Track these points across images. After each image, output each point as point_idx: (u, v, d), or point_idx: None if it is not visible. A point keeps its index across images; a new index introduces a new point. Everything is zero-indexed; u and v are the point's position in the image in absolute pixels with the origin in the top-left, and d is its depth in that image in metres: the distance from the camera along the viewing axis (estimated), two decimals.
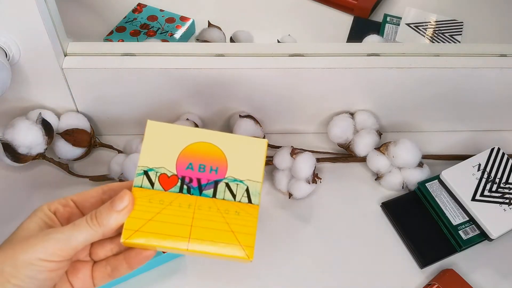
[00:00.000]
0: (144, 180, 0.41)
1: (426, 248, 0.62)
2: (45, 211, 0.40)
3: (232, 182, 0.42)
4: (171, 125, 0.43)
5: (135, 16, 0.83)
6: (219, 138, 0.43)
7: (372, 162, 0.68)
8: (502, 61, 0.66)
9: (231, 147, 0.43)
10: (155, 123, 0.43)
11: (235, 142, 0.43)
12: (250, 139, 0.44)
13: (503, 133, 0.76)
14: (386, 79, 0.66)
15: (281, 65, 0.64)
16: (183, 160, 0.42)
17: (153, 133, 0.43)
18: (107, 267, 0.42)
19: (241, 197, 0.42)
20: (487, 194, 0.63)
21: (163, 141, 0.42)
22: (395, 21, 0.86)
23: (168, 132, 0.43)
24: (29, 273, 0.36)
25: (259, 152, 0.43)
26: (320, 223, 0.65)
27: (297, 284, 0.60)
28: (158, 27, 0.81)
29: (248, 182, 0.43)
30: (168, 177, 0.41)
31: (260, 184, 0.43)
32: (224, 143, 0.43)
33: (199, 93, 0.67)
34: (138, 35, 0.80)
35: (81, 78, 0.64)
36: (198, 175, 0.42)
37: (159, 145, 0.42)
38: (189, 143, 0.43)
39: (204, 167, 0.42)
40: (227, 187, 0.42)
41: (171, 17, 0.83)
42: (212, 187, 0.42)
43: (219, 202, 0.41)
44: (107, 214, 0.39)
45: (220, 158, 0.43)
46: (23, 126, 0.61)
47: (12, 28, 0.57)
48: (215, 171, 0.42)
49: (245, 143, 0.43)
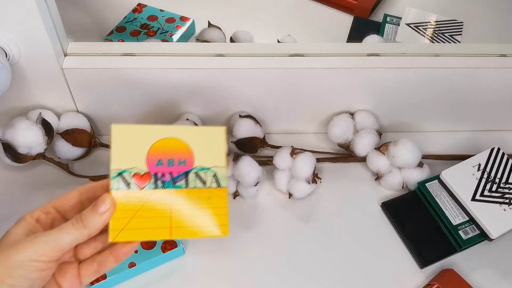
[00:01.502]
0: (120, 181, 0.43)
1: (426, 248, 0.62)
2: (28, 219, 0.43)
3: (200, 171, 0.46)
4: (135, 126, 0.45)
5: (135, 16, 0.83)
6: (181, 132, 0.46)
7: (372, 162, 0.68)
8: (502, 61, 0.66)
9: (194, 139, 0.46)
10: (119, 126, 0.45)
11: (196, 133, 0.46)
12: (209, 128, 0.47)
13: (503, 133, 0.76)
14: (386, 79, 0.66)
15: (281, 65, 0.64)
16: (152, 157, 0.45)
17: (120, 136, 0.45)
18: (93, 264, 0.44)
19: (211, 183, 0.46)
20: (487, 194, 0.63)
21: (130, 142, 0.45)
22: (395, 21, 0.86)
23: (134, 133, 0.45)
24: (22, 273, 0.39)
25: (219, 140, 0.47)
26: (320, 223, 0.65)
27: (297, 284, 0.60)
28: (158, 27, 0.81)
29: (215, 168, 0.46)
30: (141, 175, 0.44)
31: (225, 169, 0.46)
32: (187, 136, 0.46)
33: (199, 93, 0.67)
34: (138, 35, 0.80)
35: (81, 78, 0.64)
36: (168, 169, 0.45)
37: (128, 147, 0.44)
38: (155, 141, 0.45)
39: (173, 161, 0.45)
40: (196, 176, 0.45)
41: (171, 17, 0.83)
42: (183, 178, 0.45)
43: (191, 190, 0.45)
44: (92, 217, 0.41)
45: (186, 151, 0.46)
46: (23, 126, 0.61)
47: (12, 28, 0.57)
48: (184, 163, 0.45)
49: (205, 133, 0.47)
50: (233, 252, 0.62)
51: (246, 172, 0.62)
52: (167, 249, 0.59)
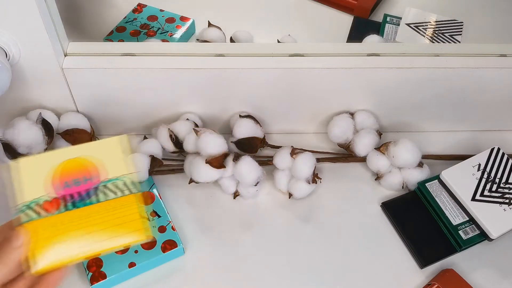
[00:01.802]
0: (29, 213, 0.44)
1: (426, 248, 0.62)
2: None
3: (109, 183, 0.46)
4: (33, 157, 0.46)
5: (135, 16, 0.83)
6: (81, 150, 0.47)
7: (372, 162, 0.68)
8: (502, 61, 0.66)
9: (96, 154, 0.47)
10: (16, 162, 0.45)
11: (96, 148, 0.47)
12: (109, 140, 0.47)
13: (503, 133, 0.76)
14: (386, 79, 0.66)
15: (281, 65, 0.64)
16: (57, 181, 0.45)
17: (20, 170, 0.45)
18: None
19: (123, 192, 0.46)
20: (487, 194, 0.63)
21: (32, 173, 0.45)
22: (395, 21, 0.86)
23: (34, 164, 0.46)
24: None
25: (122, 148, 0.47)
26: (320, 223, 0.65)
27: (297, 284, 0.60)
28: (158, 27, 0.81)
29: (123, 177, 0.47)
30: (50, 201, 0.44)
31: (134, 174, 0.47)
32: (88, 153, 0.47)
33: (199, 93, 0.67)
34: (138, 35, 0.80)
35: (81, 78, 0.64)
36: (76, 189, 0.45)
37: (30, 178, 0.45)
38: (57, 165, 0.46)
39: (79, 180, 0.46)
40: (106, 189, 0.46)
41: (171, 17, 0.83)
42: (93, 194, 0.46)
43: (104, 204, 0.45)
44: (8, 253, 0.40)
45: (90, 167, 0.47)
46: (23, 126, 0.61)
47: (12, 28, 0.57)
48: (90, 179, 0.46)
49: (105, 145, 0.47)
50: (233, 252, 0.62)
51: (246, 172, 0.62)
52: (167, 249, 0.59)
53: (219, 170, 0.62)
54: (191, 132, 0.65)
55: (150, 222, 0.61)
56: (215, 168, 0.62)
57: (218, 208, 0.66)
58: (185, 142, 0.65)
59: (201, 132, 0.63)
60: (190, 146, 0.64)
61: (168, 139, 0.66)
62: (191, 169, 0.63)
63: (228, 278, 0.60)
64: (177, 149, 0.67)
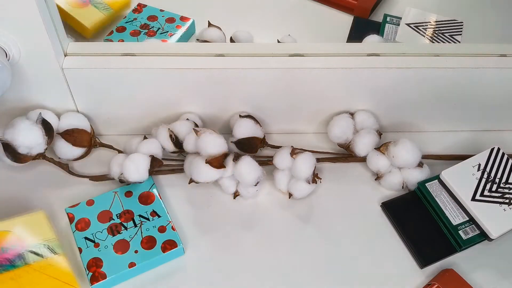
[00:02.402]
0: None
1: (426, 248, 0.62)
2: None
3: (34, 247, 0.56)
4: None
5: (135, 16, 0.83)
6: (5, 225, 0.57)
7: (372, 162, 0.68)
8: (502, 61, 0.66)
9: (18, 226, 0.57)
10: None
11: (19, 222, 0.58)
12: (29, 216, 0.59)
13: (503, 133, 0.76)
14: (386, 79, 0.66)
15: (281, 65, 0.64)
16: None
17: None
18: None
19: (47, 254, 0.56)
20: (487, 194, 0.63)
21: None
22: (395, 21, 0.86)
23: None
24: None
25: (40, 220, 0.58)
26: (320, 223, 0.65)
27: (297, 284, 0.60)
28: (158, 27, 0.81)
29: (45, 242, 0.57)
30: None
31: (55, 239, 0.57)
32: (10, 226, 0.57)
33: (199, 93, 0.67)
34: (138, 35, 0.80)
35: (81, 78, 0.64)
36: (4, 255, 0.55)
37: None
38: None
39: (6, 248, 0.55)
40: (32, 253, 0.56)
41: (171, 17, 0.82)
42: (21, 258, 0.55)
43: (32, 265, 0.55)
44: None
45: (13, 237, 0.56)
46: (23, 126, 0.61)
47: (12, 28, 0.57)
48: (16, 246, 0.56)
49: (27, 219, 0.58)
50: (233, 252, 0.62)
51: (246, 172, 0.62)
52: (167, 249, 0.59)
53: (219, 170, 0.62)
54: (191, 132, 0.65)
55: (149, 222, 0.61)
56: (215, 168, 0.62)
57: (218, 208, 0.66)
58: (185, 142, 0.65)
59: (201, 132, 0.63)
60: (190, 146, 0.64)
61: (168, 139, 0.66)
62: (191, 169, 0.63)
63: (228, 278, 0.60)
64: (177, 149, 0.67)
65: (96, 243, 0.60)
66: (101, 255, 0.58)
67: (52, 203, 0.64)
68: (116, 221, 0.61)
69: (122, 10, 0.83)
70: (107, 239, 0.60)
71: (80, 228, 0.61)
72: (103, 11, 0.80)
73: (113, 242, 0.60)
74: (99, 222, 0.61)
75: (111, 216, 0.62)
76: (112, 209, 0.63)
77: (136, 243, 0.60)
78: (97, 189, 0.66)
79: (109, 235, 0.60)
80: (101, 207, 0.63)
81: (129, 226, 0.61)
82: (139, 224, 0.61)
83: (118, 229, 0.61)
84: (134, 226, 0.61)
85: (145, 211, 0.63)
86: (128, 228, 0.61)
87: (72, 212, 0.62)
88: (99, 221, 0.61)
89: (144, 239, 0.60)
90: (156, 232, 0.61)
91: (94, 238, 0.60)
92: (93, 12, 0.79)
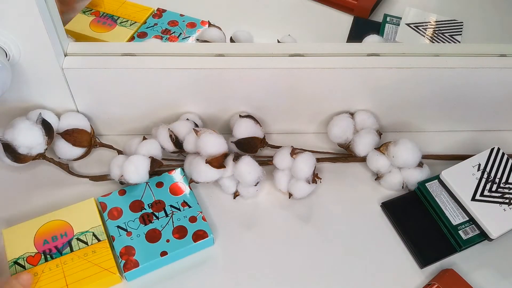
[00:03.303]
0: (17, 267, 0.57)
1: (426, 248, 0.62)
2: None
3: (81, 235, 0.60)
4: (21, 224, 0.60)
5: (156, 22, 0.81)
6: (57, 215, 0.61)
7: (372, 162, 0.68)
8: (502, 61, 0.66)
9: (70, 215, 0.61)
10: (8, 230, 0.60)
11: (70, 211, 0.62)
12: (80, 203, 0.62)
13: (503, 133, 0.76)
14: (386, 79, 0.66)
15: (281, 65, 0.64)
16: (39, 240, 0.59)
17: (11, 235, 0.60)
18: None
19: (92, 241, 0.59)
20: (487, 194, 0.63)
21: (20, 236, 0.59)
22: (395, 21, 0.86)
23: (21, 229, 0.60)
24: None
25: (90, 207, 0.62)
26: (320, 223, 0.65)
27: (297, 284, 0.60)
28: (180, 32, 0.80)
29: (92, 229, 0.60)
30: (32, 256, 0.58)
31: (101, 226, 0.60)
32: (62, 215, 0.61)
33: (199, 93, 0.67)
34: (160, 40, 0.79)
35: (81, 78, 0.64)
36: (54, 244, 0.59)
37: (18, 240, 0.59)
38: (38, 228, 0.60)
39: (56, 237, 0.60)
40: (78, 240, 0.59)
41: (191, 22, 0.81)
42: (67, 246, 0.59)
43: (77, 252, 0.58)
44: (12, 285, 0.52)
45: (64, 226, 0.60)
46: (23, 126, 0.61)
47: (12, 28, 0.57)
48: (65, 235, 0.60)
49: (78, 208, 0.62)
50: (233, 252, 0.62)
51: (246, 172, 0.62)
52: (197, 238, 0.60)
53: (219, 170, 0.62)
54: (191, 132, 0.65)
55: (180, 212, 0.62)
56: (215, 168, 0.62)
57: (218, 208, 0.66)
58: (185, 142, 0.65)
59: (201, 132, 0.63)
60: (190, 146, 0.64)
61: (168, 139, 0.66)
62: (191, 169, 0.63)
63: (227, 278, 0.60)
64: (177, 149, 0.67)
65: (129, 231, 0.60)
66: (133, 243, 0.59)
67: (52, 203, 0.64)
68: (147, 211, 0.62)
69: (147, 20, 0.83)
70: (139, 228, 0.61)
71: (113, 216, 0.62)
72: (131, 28, 0.79)
73: (145, 231, 0.60)
74: (131, 211, 0.62)
75: (143, 206, 0.63)
76: (143, 199, 0.63)
77: (168, 233, 0.60)
78: (97, 189, 0.66)
79: (141, 224, 0.61)
80: (132, 197, 0.63)
81: (160, 216, 0.62)
82: (170, 214, 0.62)
83: (150, 218, 0.61)
84: (166, 216, 0.62)
85: (176, 201, 0.63)
86: (159, 218, 0.61)
87: (104, 201, 0.63)
88: (131, 210, 0.62)
89: (175, 229, 0.61)
90: (187, 222, 0.61)
91: (127, 227, 0.61)
92: (122, 31, 0.79)
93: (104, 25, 0.79)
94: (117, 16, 0.81)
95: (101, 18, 0.80)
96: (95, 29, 0.78)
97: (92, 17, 0.80)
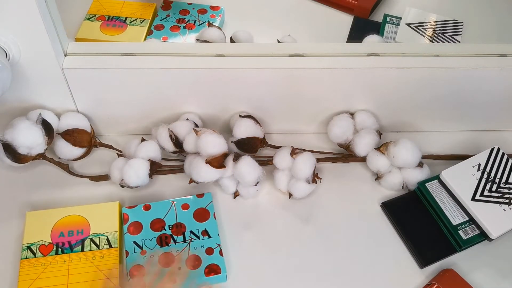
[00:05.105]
0: (28, 252, 0.58)
1: (426, 248, 0.62)
2: None
3: (95, 237, 0.60)
4: (44, 211, 0.61)
5: (167, 13, 0.81)
6: (80, 210, 0.61)
7: (372, 162, 0.68)
8: (502, 61, 0.66)
9: (90, 213, 0.61)
10: (32, 213, 0.61)
11: (92, 209, 0.62)
12: (104, 204, 0.62)
13: (503, 133, 0.76)
14: (386, 79, 0.66)
15: (281, 65, 0.64)
16: (56, 231, 0.60)
17: (31, 219, 0.60)
18: None
19: (104, 245, 0.59)
20: (487, 194, 0.63)
21: (39, 223, 0.60)
22: (395, 21, 0.86)
23: (43, 216, 0.60)
24: None
25: (113, 210, 0.62)
26: (320, 223, 0.65)
27: (297, 284, 0.60)
28: (195, 20, 0.80)
29: (108, 233, 0.60)
30: (46, 246, 0.59)
31: (117, 232, 0.60)
32: (84, 212, 0.61)
33: (199, 93, 0.67)
34: (179, 30, 0.79)
35: (81, 78, 0.64)
36: (68, 239, 0.59)
37: (37, 226, 0.60)
38: (59, 219, 0.60)
39: (72, 232, 0.60)
40: (91, 241, 0.59)
41: (201, 8, 0.81)
42: (80, 244, 0.59)
43: (87, 253, 0.58)
44: None
45: (83, 223, 0.61)
46: (23, 126, 0.61)
47: (12, 28, 0.57)
48: (81, 232, 0.60)
49: (101, 208, 0.62)
50: (233, 252, 0.62)
51: (246, 172, 0.62)
52: (210, 273, 0.58)
53: (219, 170, 0.62)
54: (191, 132, 0.65)
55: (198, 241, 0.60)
56: (215, 168, 0.62)
57: (218, 208, 0.66)
58: (185, 142, 0.65)
59: (201, 132, 0.63)
60: (190, 146, 0.64)
61: (168, 139, 0.66)
62: (191, 169, 0.63)
63: (227, 278, 0.60)
64: (177, 149, 0.67)
65: (144, 250, 0.59)
66: (145, 264, 0.58)
67: (52, 203, 0.64)
68: (167, 232, 0.61)
69: (155, 14, 0.83)
70: (154, 248, 0.59)
71: (132, 231, 0.61)
72: (143, 25, 0.79)
73: (159, 253, 0.59)
74: (151, 229, 0.61)
75: (163, 226, 0.61)
76: (166, 218, 0.62)
77: (181, 260, 0.59)
78: (97, 189, 0.66)
79: (157, 245, 0.60)
80: (156, 215, 0.62)
81: (178, 240, 0.60)
82: (188, 240, 0.60)
83: (168, 240, 0.60)
84: (183, 241, 0.60)
85: (197, 228, 0.61)
86: (177, 242, 0.60)
87: (128, 213, 0.62)
88: (151, 228, 0.61)
89: (190, 257, 0.59)
90: (203, 253, 0.59)
91: (143, 245, 0.60)
92: (135, 30, 0.79)
93: (114, 28, 0.79)
94: (124, 17, 0.80)
95: (109, 21, 0.80)
96: (107, 33, 0.78)
97: (99, 22, 0.80)
